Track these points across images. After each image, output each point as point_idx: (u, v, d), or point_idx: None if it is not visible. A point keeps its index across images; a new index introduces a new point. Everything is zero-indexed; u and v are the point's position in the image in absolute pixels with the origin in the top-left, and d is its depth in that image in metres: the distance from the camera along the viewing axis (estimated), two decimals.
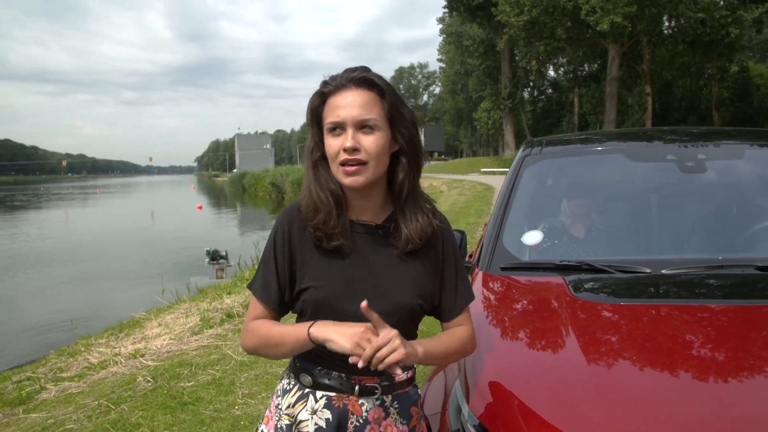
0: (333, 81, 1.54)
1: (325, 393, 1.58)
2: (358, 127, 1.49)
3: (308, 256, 1.58)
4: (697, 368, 1.61)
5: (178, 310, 8.14)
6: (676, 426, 1.35)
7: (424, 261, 1.60)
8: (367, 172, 1.50)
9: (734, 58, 50.90)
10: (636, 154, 2.99)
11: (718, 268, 2.17)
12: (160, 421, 4.13)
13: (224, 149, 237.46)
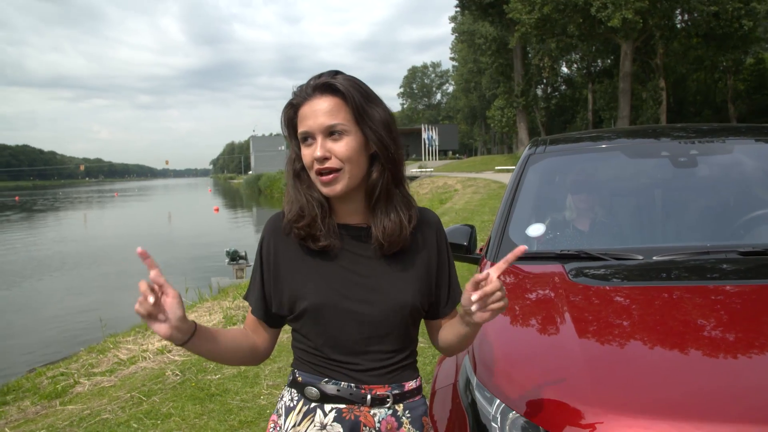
0: (300, 91, 1.53)
1: (334, 405, 1.52)
2: (326, 134, 1.48)
3: (299, 264, 1.54)
4: (682, 340, 1.82)
5: (201, 309, 8.40)
6: (659, 389, 1.56)
7: (416, 259, 1.57)
8: (343, 179, 1.49)
9: (749, 50, 50.56)
10: (633, 151, 3.20)
11: (704, 254, 2.37)
12: (190, 410, 4.37)
13: (239, 151, 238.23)
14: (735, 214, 2.77)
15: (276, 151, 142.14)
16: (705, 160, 2.99)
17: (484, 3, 46.17)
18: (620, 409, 1.48)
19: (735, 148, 3.06)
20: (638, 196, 3.07)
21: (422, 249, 1.59)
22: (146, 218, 43.15)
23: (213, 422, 4.14)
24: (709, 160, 3.03)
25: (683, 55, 51.55)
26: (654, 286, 2.20)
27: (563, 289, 2.15)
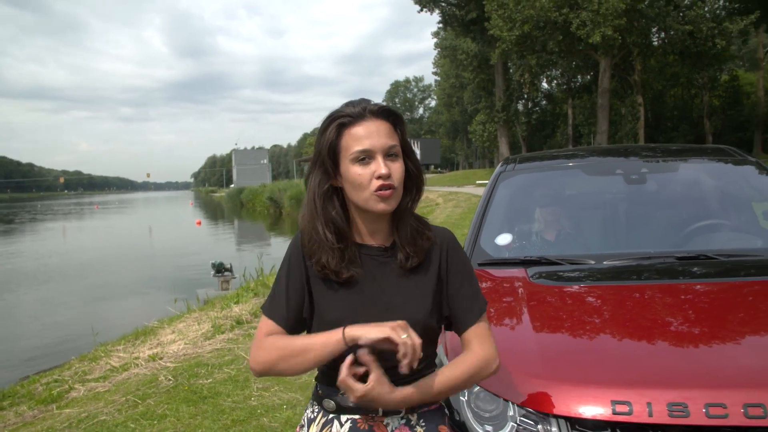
0: (350, 112, 1.57)
1: (349, 417, 1.58)
2: (385, 154, 1.54)
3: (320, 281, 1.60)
4: (622, 328, 2.17)
5: (189, 319, 8.61)
6: (598, 366, 1.89)
7: (429, 274, 1.62)
8: (396, 197, 1.56)
9: (724, 67, 51.67)
10: (591, 169, 3.58)
11: (647, 258, 2.73)
12: (185, 412, 4.60)
13: (221, 165, 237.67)
14: (676, 225, 3.15)
15: (258, 164, 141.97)
16: (653, 177, 3.37)
17: (465, 20, 46.78)
18: (563, 381, 1.80)
19: (680, 166, 3.44)
20: (594, 209, 3.45)
21: (435, 266, 1.64)
22: (128, 231, 43.06)
23: (207, 422, 4.38)
24: (657, 177, 3.41)
25: (660, 72, 52.54)
26: (601, 285, 2.55)
27: (524, 289, 2.49)
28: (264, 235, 37.38)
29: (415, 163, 1.64)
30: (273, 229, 41.15)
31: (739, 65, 68.29)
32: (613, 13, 33.18)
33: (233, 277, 13.91)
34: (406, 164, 1.61)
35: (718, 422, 1.58)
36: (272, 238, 34.22)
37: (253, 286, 10.30)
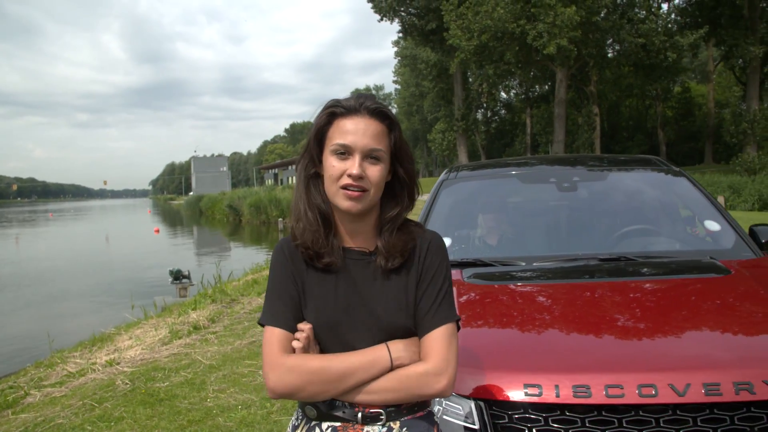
0: (346, 103, 1.56)
1: (330, 424, 1.56)
2: (365, 155, 1.52)
3: (307, 284, 1.59)
4: (543, 321, 2.40)
5: (147, 325, 8.66)
6: (516, 353, 2.10)
7: (408, 276, 1.60)
8: (366, 200, 1.53)
9: (676, 79, 53.11)
10: (527, 177, 3.82)
11: (573, 260, 2.97)
12: (141, 414, 4.70)
13: (180, 172, 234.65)
14: (602, 229, 3.42)
15: (218, 171, 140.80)
16: (584, 185, 3.63)
17: (425, 30, 47.30)
18: (483, 368, 2.01)
19: (609, 176, 3.71)
20: (528, 215, 3.70)
21: (413, 269, 1.60)
22: (85, 239, 42.35)
23: (164, 422, 4.49)
24: (587, 185, 3.67)
25: (615, 83, 53.75)
26: (528, 284, 2.77)
27: (457, 288, 2.69)
28: (223, 243, 37.17)
29: (408, 170, 1.62)
30: (232, 237, 40.93)
31: (691, 77, 70.19)
32: (569, 25, 33.90)
33: (191, 284, 13.94)
34: (397, 171, 1.60)
35: (615, 401, 1.80)
36: (231, 246, 34.07)
37: (210, 292, 10.37)
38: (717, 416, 1.78)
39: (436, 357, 1.52)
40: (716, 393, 1.77)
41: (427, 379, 1.50)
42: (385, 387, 1.50)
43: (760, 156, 34.97)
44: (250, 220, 48.34)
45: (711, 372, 1.83)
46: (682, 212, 3.56)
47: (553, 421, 1.84)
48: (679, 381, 1.80)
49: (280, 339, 1.53)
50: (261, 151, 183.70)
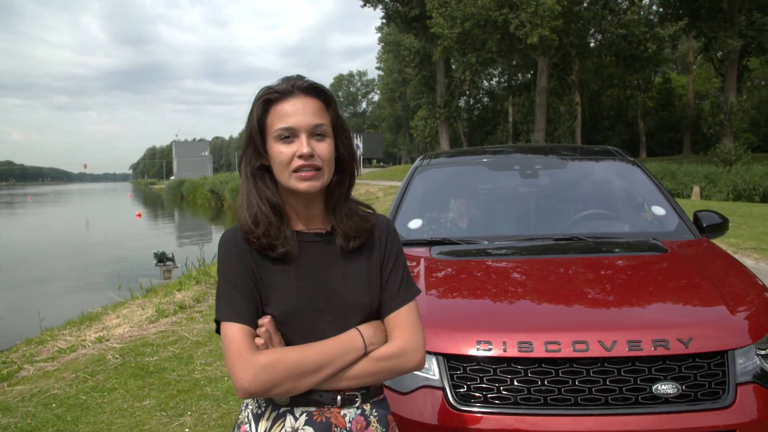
0: (278, 87, 1.54)
1: (304, 409, 1.52)
2: (310, 133, 1.50)
3: (263, 274, 1.54)
4: (497, 290, 2.73)
5: (133, 305, 8.89)
6: (473, 316, 2.43)
7: (370, 258, 1.61)
8: (322, 177, 1.51)
9: (657, 69, 53.76)
10: (493, 165, 4.18)
11: (530, 240, 3.32)
12: (133, 385, 4.97)
13: (161, 156, 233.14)
14: (558, 213, 3.77)
15: (199, 156, 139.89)
16: (545, 172, 3.98)
17: (408, 16, 47.32)
18: (443, 328, 2.33)
19: (568, 164, 4.05)
20: (493, 199, 4.04)
21: (375, 251, 1.62)
22: (67, 223, 42.20)
23: (154, 392, 4.77)
24: (547, 172, 4.01)
25: (596, 73, 54.29)
26: (489, 259, 3.11)
27: (425, 262, 3.03)
28: (205, 227, 37.31)
29: (347, 145, 1.61)
30: (214, 222, 41.04)
31: (671, 68, 70.93)
32: (551, 15, 34.19)
33: (175, 266, 14.17)
34: (337, 146, 1.58)
35: (553, 355, 2.13)
36: (213, 230, 34.21)
37: (195, 274, 10.61)
38: (638, 368, 2.12)
39: (409, 333, 1.56)
40: (637, 348, 2.11)
41: (405, 357, 1.54)
42: (365, 371, 1.51)
43: (736, 147, 35.66)
44: (232, 205, 48.40)
45: (634, 331, 2.17)
46: (634, 199, 3.91)
47: (501, 371, 2.17)
48: (607, 339, 2.14)
49: (246, 335, 1.46)
50: (243, 135, 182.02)
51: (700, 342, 2.13)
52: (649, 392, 2.09)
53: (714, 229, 3.55)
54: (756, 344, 2.21)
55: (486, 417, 2.13)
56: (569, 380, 2.12)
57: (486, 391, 2.17)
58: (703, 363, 2.13)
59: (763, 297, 2.51)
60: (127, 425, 4.16)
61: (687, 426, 2.03)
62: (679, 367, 2.11)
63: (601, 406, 2.09)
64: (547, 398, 2.12)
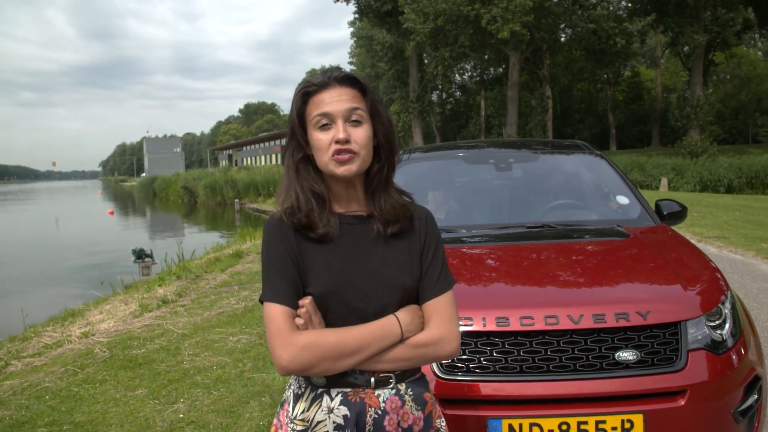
0: (315, 81, 1.61)
1: (340, 390, 1.58)
2: (346, 119, 1.57)
3: (304, 256, 1.59)
4: (473, 272, 2.97)
5: (115, 301, 8.99)
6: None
7: (411, 244, 1.66)
8: (358, 162, 1.57)
9: (627, 63, 54.63)
10: (469, 159, 4.43)
11: (505, 228, 3.57)
12: (123, 376, 5.10)
13: (131, 153, 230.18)
14: (530, 203, 4.04)
15: (171, 153, 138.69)
16: (517, 166, 4.24)
17: (381, 11, 47.48)
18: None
19: (540, 157, 4.32)
20: (470, 190, 4.29)
21: (416, 238, 1.67)
22: (38, 222, 41.65)
23: (145, 382, 4.92)
24: (520, 166, 4.28)
25: (567, 67, 55.00)
26: (466, 246, 3.35)
27: None
28: (180, 224, 37.12)
29: (385, 133, 1.67)
30: (188, 218, 40.89)
31: (641, 62, 71.98)
32: (522, 10, 34.63)
33: (154, 263, 14.22)
34: (375, 133, 1.64)
35: (527, 328, 2.39)
36: (189, 227, 34.13)
37: (175, 270, 10.73)
38: (602, 338, 2.39)
39: (447, 322, 1.62)
40: (602, 321, 2.37)
41: (441, 345, 1.59)
42: (401, 356, 1.57)
43: (703, 140, 36.50)
44: (205, 202, 48.28)
45: (599, 306, 2.43)
46: (601, 189, 4.19)
47: (481, 344, 2.41)
48: (575, 313, 2.40)
49: (286, 316, 1.54)
50: (215, 131, 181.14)
51: (656, 314, 2.40)
52: (612, 359, 2.35)
53: (673, 217, 3.85)
54: (705, 316, 2.50)
55: (468, 384, 2.37)
56: (542, 350, 2.38)
57: (468, 362, 2.42)
58: (659, 333, 2.40)
59: (713, 276, 2.81)
60: (122, 413, 4.31)
61: (645, 388, 2.31)
62: (638, 337, 2.39)
63: (570, 372, 2.35)
64: (523, 366, 2.38)
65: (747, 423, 2.51)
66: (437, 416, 1.71)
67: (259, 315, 6.89)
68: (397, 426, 1.60)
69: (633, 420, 2.27)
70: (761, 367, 2.67)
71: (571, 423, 2.28)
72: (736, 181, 28.44)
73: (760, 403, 2.59)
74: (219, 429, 3.96)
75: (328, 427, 1.57)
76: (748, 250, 10.09)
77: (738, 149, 38.78)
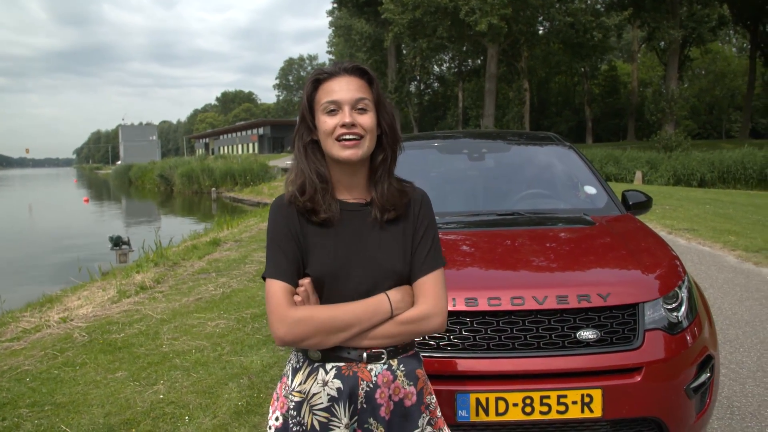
0: (326, 70, 1.72)
1: (334, 364, 1.67)
2: (353, 106, 1.66)
3: (305, 237, 1.69)
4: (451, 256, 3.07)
5: (93, 287, 9.00)
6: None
7: (405, 229, 1.74)
8: (363, 146, 1.66)
9: (603, 57, 55.12)
10: (444, 148, 4.57)
11: (477, 215, 3.73)
12: (103, 359, 5.16)
13: (106, 141, 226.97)
14: (501, 191, 4.18)
15: (147, 141, 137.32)
16: (490, 156, 4.39)
17: (360, 1, 47.40)
18: None
19: (511, 148, 4.47)
20: (443, 179, 4.42)
21: (410, 222, 1.76)
22: (12, 210, 41.15)
23: (125, 365, 5.00)
24: (493, 156, 4.43)
25: (544, 60, 55.35)
26: (440, 232, 3.46)
27: None
28: (156, 213, 36.88)
29: (389, 124, 1.75)
30: (165, 207, 40.62)
31: (617, 56, 72.67)
32: (500, 3, 34.78)
33: (131, 250, 14.20)
34: (381, 120, 1.73)
35: (494, 308, 2.53)
36: (165, 216, 33.92)
37: (153, 257, 10.76)
38: (565, 318, 2.54)
39: (434, 299, 1.70)
40: (564, 302, 2.52)
41: (427, 320, 1.68)
42: (389, 333, 1.67)
43: (677, 134, 37.02)
44: (182, 190, 47.92)
45: (562, 288, 2.58)
46: (570, 180, 4.35)
47: (450, 323, 2.55)
48: (539, 294, 2.54)
49: (285, 292, 1.63)
50: (191, 120, 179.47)
51: (616, 296, 2.56)
52: (573, 338, 2.51)
53: (639, 207, 4.02)
54: (663, 299, 2.66)
55: (438, 361, 2.50)
56: (508, 329, 2.52)
57: (438, 340, 2.56)
58: (618, 314, 2.56)
59: (672, 263, 2.97)
60: (102, 395, 4.39)
61: (604, 365, 2.46)
62: (599, 317, 2.54)
63: (534, 349, 2.50)
64: (490, 344, 2.52)
65: (699, 399, 2.68)
66: (428, 393, 1.81)
67: (237, 301, 6.99)
68: (388, 399, 1.69)
69: (592, 395, 2.43)
70: (714, 348, 2.85)
71: (534, 397, 2.43)
72: (708, 175, 28.90)
73: (712, 381, 2.77)
74: (199, 409, 4.06)
75: (322, 398, 1.66)
76: (715, 242, 10.37)
77: (711, 144, 39.39)
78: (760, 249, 9.46)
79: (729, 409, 3.96)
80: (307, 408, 1.68)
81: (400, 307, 1.67)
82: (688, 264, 8.27)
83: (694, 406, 2.65)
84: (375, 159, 1.75)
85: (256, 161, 47.02)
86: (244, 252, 10.80)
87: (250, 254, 10.45)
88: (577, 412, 2.43)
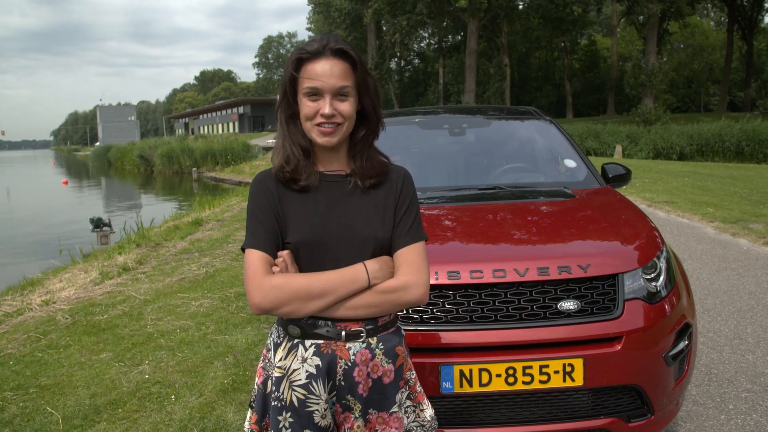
0: (310, 48, 1.68)
1: (313, 341, 1.70)
2: (334, 94, 1.67)
3: (287, 208, 1.72)
4: (433, 232, 3.10)
5: (75, 269, 8.97)
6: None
7: (386, 198, 1.77)
8: (340, 133, 1.70)
9: (583, 32, 55.19)
10: (425, 124, 4.57)
11: (458, 190, 3.75)
12: (87, 341, 5.16)
13: (84, 122, 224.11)
14: (482, 166, 4.20)
15: (126, 121, 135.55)
16: (471, 131, 4.40)
17: None
18: None
19: (491, 123, 4.49)
20: (425, 155, 4.43)
21: (391, 194, 1.78)
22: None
23: (109, 346, 4.99)
24: (473, 131, 4.44)
25: (524, 35, 55.33)
26: (422, 207, 3.48)
27: None
28: (137, 194, 36.60)
29: (370, 103, 1.76)
30: (145, 188, 40.31)
31: (597, 31, 72.69)
32: None
33: (112, 231, 14.11)
34: (363, 102, 1.74)
35: (477, 281, 2.55)
36: (146, 196, 33.67)
37: (134, 238, 10.70)
38: (546, 289, 2.57)
39: (415, 269, 1.71)
40: (545, 274, 2.55)
41: (407, 291, 1.68)
42: (368, 302, 1.67)
43: (656, 108, 37.21)
44: (162, 171, 47.58)
45: (543, 260, 2.61)
46: (550, 153, 4.38)
47: (434, 297, 2.58)
48: (521, 266, 2.57)
49: (262, 261, 1.66)
50: (170, 99, 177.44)
51: (596, 267, 2.59)
52: (554, 309, 2.54)
53: (618, 179, 4.06)
54: (642, 269, 2.69)
55: (422, 334, 2.53)
56: (490, 301, 2.55)
57: (422, 313, 2.58)
58: (598, 284, 2.60)
59: (650, 233, 3.01)
60: (87, 376, 4.39)
61: (585, 334, 2.50)
62: (579, 288, 2.57)
63: (516, 320, 2.53)
64: (473, 316, 2.55)
65: (678, 366, 2.74)
66: (408, 368, 1.83)
67: (221, 280, 6.99)
68: (366, 377, 1.72)
69: (573, 364, 2.47)
70: (692, 317, 2.90)
71: (517, 368, 2.47)
72: (687, 148, 29.10)
73: (690, 349, 2.83)
74: (185, 388, 4.08)
75: (301, 375, 1.69)
76: (694, 214, 10.50)
77: (690, 117, 39.62)
78: (737, 220, 9.59)
79: (707, 376, 4.05)
80: (287, 383, 1.71)
81: (378, 277, 1.68)
82: (667, 236, 8.39)
83: (673, 374, 2.71)
84: (356, 135, 1.78)
85: (237, 140, 46.69)
86: (226, 231, 10.77)
87: (232, 233, 10.43)
88: (559, 381, 2.48)
